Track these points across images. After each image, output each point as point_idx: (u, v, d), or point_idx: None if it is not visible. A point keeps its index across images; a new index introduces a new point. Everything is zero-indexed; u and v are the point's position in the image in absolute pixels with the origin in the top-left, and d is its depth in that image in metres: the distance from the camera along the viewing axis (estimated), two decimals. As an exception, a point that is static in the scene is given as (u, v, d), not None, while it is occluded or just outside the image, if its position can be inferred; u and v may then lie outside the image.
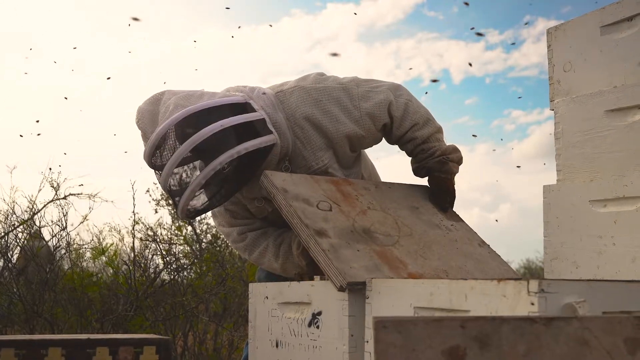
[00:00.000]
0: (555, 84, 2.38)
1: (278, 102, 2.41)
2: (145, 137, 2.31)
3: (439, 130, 2.59)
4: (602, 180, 2.15)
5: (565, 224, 2.21)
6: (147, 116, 2.31)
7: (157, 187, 8.83)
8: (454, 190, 2.58)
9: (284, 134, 2.37)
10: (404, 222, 2.33)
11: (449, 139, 2.66)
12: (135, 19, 5.25)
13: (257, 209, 2.51)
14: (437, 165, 2.54)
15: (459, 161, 2.58)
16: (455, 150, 2.57)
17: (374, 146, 2.69)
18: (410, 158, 2.65)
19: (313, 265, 2.20)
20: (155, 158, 2.23)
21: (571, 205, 2.20)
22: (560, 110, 2.32)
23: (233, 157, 2.18)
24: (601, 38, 2.26)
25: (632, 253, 2.03)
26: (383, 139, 2.64)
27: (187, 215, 2.30)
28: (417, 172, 2.62)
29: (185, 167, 2.26)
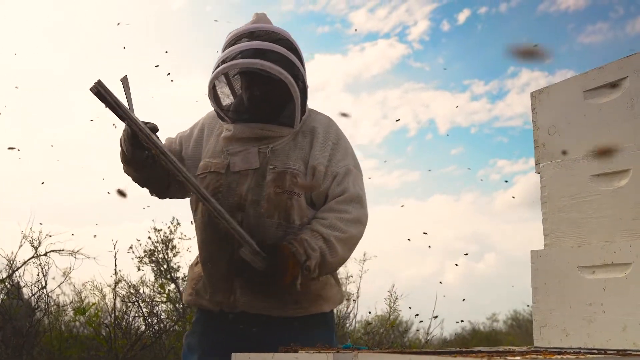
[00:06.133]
0: (540, 147, 2.38)
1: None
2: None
3: (351, 237, 2.51)
4: (590, 246, 2.12)
5: (554, 290, 2.17)
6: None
7: (140, 244, 8.70)
8: (287, 269, 2.34)
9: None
10: None
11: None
12: None
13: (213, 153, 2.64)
14: (302, 235, 2.43)
15: (316, 266, 2.41)
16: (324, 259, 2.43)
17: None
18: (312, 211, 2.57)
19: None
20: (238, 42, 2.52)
21: (559, 271, 2.17)
22: (545, 175, 2.31)
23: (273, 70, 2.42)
24: (584, 102, 2.27)
25: (622, 321, 1.99)
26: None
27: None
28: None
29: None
